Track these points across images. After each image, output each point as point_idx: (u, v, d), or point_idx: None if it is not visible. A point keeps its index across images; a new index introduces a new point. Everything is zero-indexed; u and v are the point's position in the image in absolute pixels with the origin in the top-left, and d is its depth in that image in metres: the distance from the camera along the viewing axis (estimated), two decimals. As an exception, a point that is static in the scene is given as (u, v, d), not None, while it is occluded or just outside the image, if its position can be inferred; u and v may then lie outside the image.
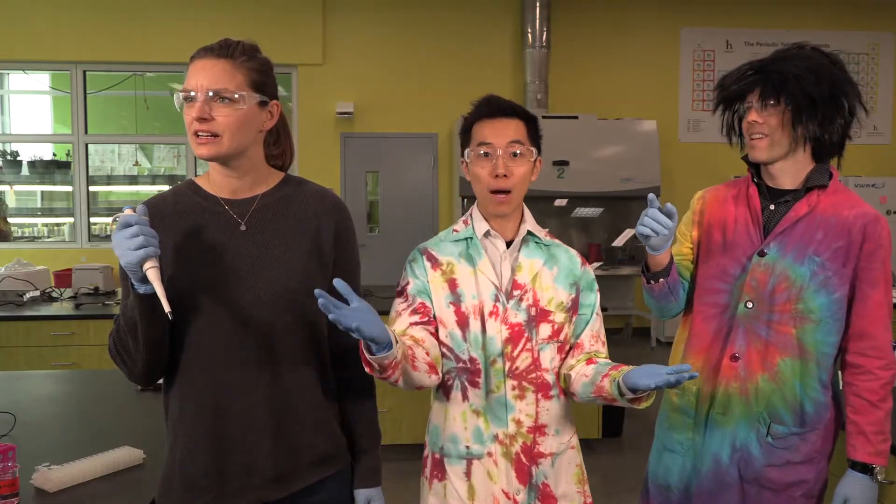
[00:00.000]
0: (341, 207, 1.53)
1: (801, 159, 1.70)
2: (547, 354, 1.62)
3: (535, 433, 1.61)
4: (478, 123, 1.63)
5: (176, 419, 1.44)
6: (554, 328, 1.63)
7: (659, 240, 1.64)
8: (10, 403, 2.23)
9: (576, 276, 1.67)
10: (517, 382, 1.59)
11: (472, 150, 1.62)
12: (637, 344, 7.33)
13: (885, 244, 1.65)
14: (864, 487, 1.63)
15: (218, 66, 1.35)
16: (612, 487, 3.80)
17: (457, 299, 1.61)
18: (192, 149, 1.38)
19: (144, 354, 1.35)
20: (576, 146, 6.98)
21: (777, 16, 7.66)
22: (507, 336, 1.59)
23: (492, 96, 1.65)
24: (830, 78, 1.63)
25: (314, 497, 1.49)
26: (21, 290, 4.30)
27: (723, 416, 1.74)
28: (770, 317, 1.69)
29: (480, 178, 1.61)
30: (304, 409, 1.45)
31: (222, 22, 7.02)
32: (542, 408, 1.61)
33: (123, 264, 1.24)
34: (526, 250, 1.65)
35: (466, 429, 1.61)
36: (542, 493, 1.62)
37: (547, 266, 1.65)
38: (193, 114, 1.33)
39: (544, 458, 1.62)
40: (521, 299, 1.61)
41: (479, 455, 1.60)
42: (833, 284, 1.65)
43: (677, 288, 1.87)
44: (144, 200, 1.45)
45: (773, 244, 1.70)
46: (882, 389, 1.64)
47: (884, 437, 1.64)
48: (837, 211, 1.67)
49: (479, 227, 1.66)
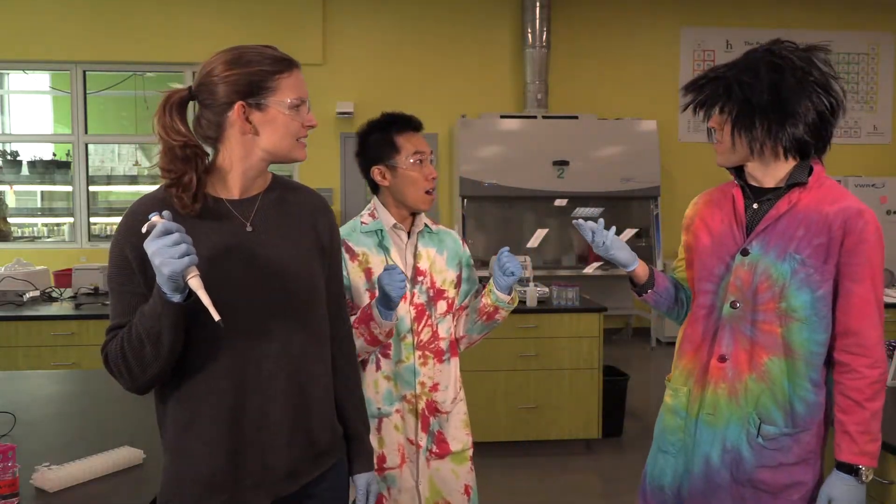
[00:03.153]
0: (326, 203, 1.61)
1: (770, 160, 1.68)
2: (444, 326, 2.02)
3: (433, 391, 2.00)
4: (404, 135, 1.98)
5: (184, 426, 1.39)
6: (448, 303, 2.03)
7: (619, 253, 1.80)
8: (10, 403, 2.23)
9: (459, 256, 2.07)
10: (422, 353, 1.98)
11: (409, 157, 1.96)
12: (637, 344, 7.33)
13: (869, 238, 1.60)
14: (848, 488, 1.60)
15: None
16: (612, 487, 3.80)
17: (372, 286, 1.93)
18: (294, 152, 1.46)
19: (163, 364, 1.32)
20: (576, 146, 6.98)
21: (777, 16, 7.66)
22: (414, 315, 1.96)
23: (407, 114, 2.03)
24: (776, 84, 1.60)
25: (318, 487, 1.51)
26: (21, 290, 4.30)
27: (712, 417, 1.73)
28: (755, 316, 1.68)
29: (417, 181, 1.96)
30: (314, 404, 1.48)
31: (222, 22, 7.03)
32: (437, 370, 2.00)
33: (168, 273, 1.19)
34: (422, 240, 2.02)
35: (378, 392, 1.96)
36: (437, 438, 2.01)
37: (438, 252, 2.03)
38: (312, 120, 1.47)
39: (442, 410, 2.01)
40: (422, 283, 1.98)
41: (387, 414, 1.96)
42: (815, 282, 1.63)
43: (669, 294, 1.89)
44: (144, 199, 1.43)
45: (755, 242, 1.69)
46: (869, 388, 1.60)
47: (870, 437, 1.60)
48: (819, 207, 1.64)
49: (387, 220, 1.99)
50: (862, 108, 7.93)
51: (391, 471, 1.97)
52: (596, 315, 4.13)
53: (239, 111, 1.39)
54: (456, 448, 2.03)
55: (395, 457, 1.97)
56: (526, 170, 6.89)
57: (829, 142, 1.69)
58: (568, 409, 4.13)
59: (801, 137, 1.63)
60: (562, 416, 4.12)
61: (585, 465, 4.10)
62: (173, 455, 1.42)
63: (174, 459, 1.42)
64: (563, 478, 3.92)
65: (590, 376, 4.11)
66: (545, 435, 4.13)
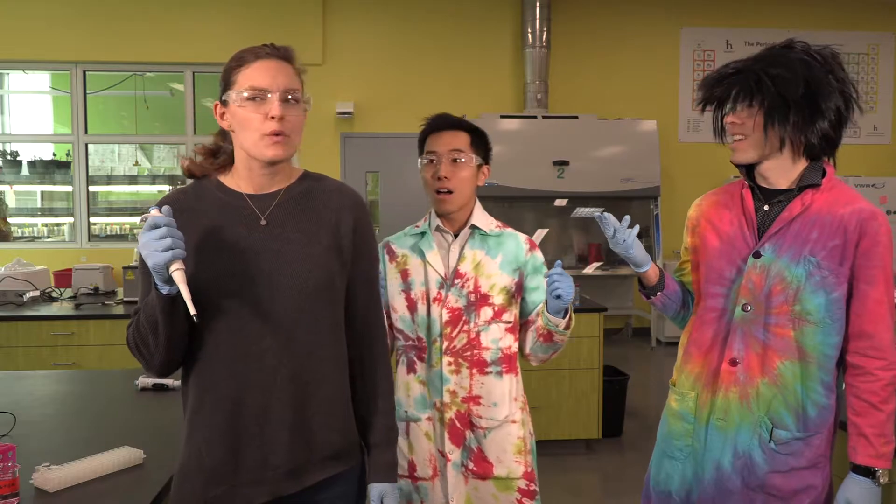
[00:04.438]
0: (359, 202, 1.54)
1: (788, 159, 1.66)
2: (489, 335, 1.88)
3: (469, 403, 1.88)
4: (428, 137, 1.93)
5: (194, 410, 1.44)
6: (495, 310, 1.89)
7: (636, 251, 1.74)
8: (10, 403, 2.23)
9: (519, 263, 1.92)
10: (453, 359, 1.87)
11: (422, 158, 1.92)
12: (637, 344, 7.33)
13: (884, 241, 1.60)
14: (865, 491, 1.59)
15: (287, 68, 1.41)
16: (612, 487, 3.80)
17: (407, 287, 1.91)
18: (258, 149, 1.39)
19: (163, 352, 1.37)
20: (576, 146, 6.98)
21: (777, 16, 7.67)
22: (448, 319, 1.87)
23: (442, 114, 1.95)
24: (808, 79, 1.59)
25: (327, 492, 1.49)
26: (21, 290, 4.30)
27: (723, 422, 1.70)
28: (767, 319, 1.66)
29: (427, 181, 1.91)
30: (320, 404, 1.46)
31: (222, 22, 7.03)
32: (477, 381, 1.88)
33: (151, 265, 1.26)
34: (471, 242, 1.92)
35: (409, 396, 1.91)
36: (476, 456, 1.88)
37: (490, 255, 1.91)
38: (273, 112, 1.35)
39: (479, 426, 1.88)
40: (463, 286, 1.88)
41: (415, 419, 1.90)
42: (830, 284, 1.61)
43: (678, 297, 1.86)
44: (166, 196, 1.48)
45: (767, 245, 1.67)
46: (883, 391, 1.59)
47: (886, 439, 1.59)
48: (833, 209, 1.63)
49: (433, 222, 1.94)
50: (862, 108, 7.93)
51: (424, 482, 1.90)
52: (596, 315, 4.14)
53: (215, 110, 1.44)
54: (500, 473, 1.87)
55: (426, 467, 1.90)
56: (526, 170, 6.89)
57: (840, 142, 1.68)
58: (568, 409, 4.12)
59: (828, 133, 1.63)
60: (562, 416, 4.12)
61: (585, 465, 4.10)
62: (185, 440, 1.46)
63: (185, 445, 1.46)
64: (563, 478, 3.91)
65: (590, 376, 4.11)
66: (545, 435, 4.13)
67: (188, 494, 1.43)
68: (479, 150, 1.92)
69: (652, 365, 6.65)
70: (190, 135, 7.35)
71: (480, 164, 1.93)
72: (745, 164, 1.71)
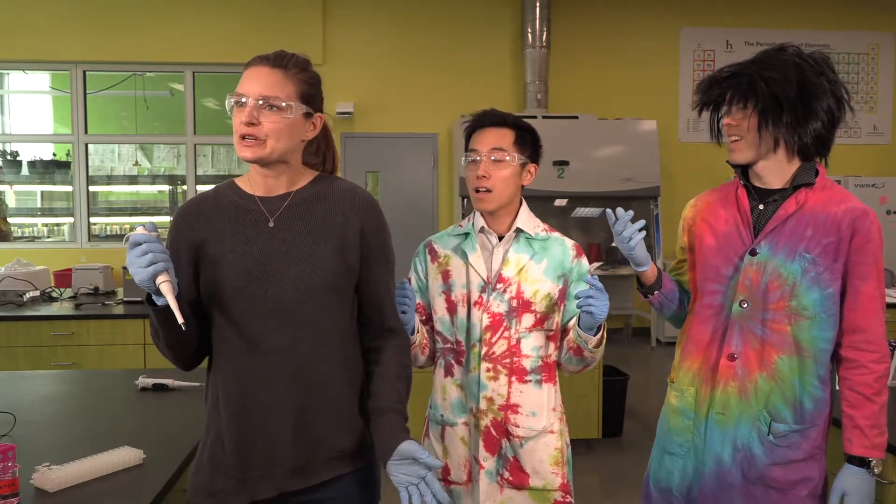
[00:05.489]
0: (369, 204, 1.54)
1: (783, 159, 1.71)
2: (530, 343, 1.82)
3: (506, 411, 1.81)
4: (473, 134, 1.87)
5: (211, 404, 1.51)
6: (537, 317, 1.81)
7: (639, 250, 1.74)
8: (10, 403, 2.23)
9: (565, 269, 1.84)
10: (492, 365, 1.81)
11: (465, 156, 1.86)
12: (637, 344, 7.33)
13: (875, 238, 1.66)
14: (861, 481, 1.64)
15: (272, 75, 1.42)
16: (612, 487, 3.79)
17: (448, 289, 1.86)
18: (238, 151, 1.45)
19: (172, 352, 1.47)
20: (576, 146, 6.98)
21: (777, 16, 7.67)
22: (488, 324, 1.80)
23: (488, 110, 1.90)
24: (801, 81, 1.64)
25: (334, 492, 1.51)
26: (21, 290, 4.30)
27: (723, 417, 1.74)
28: (765, 315, 1.71)
29: (469, 179, 1.84)
30: (326, 404, 1.48)
31: (222, 22, 7.03)
32: (515, 389, 1.81)
33: (137, 281, 1.32)
34: (515, 245, 1.84)
35: (445, 399, 1.86)
36: (512, 466, 1.82)
37: (535, 260, 1.83)
38: (242, 118, 1.41)
39: (515, 435, 1.81)
40: (505, 291, 1.81)
41: (451, 423, 1.85)
42: (825, 280, 1.67)
43: (675, 296, 1.89)
44: (189, 200, 1.55)
45: (763, 243, 1.71)
46: (876, 383, 1.65)
47: (879, 430, 1.65)
48: (826, 207, 1.68)
49: (477, 223, 1.87)
50: (862, 109, 7.92)
51: (457, 486, 1.85)
52: (596, 315, 4.13)
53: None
54: (536, 484, 1.82)
55: (460, 472, 1.85)
56: (526, 170, 6.88)
57: (832, 142, 1.72)
58: (568, 409, 4.08)
59: (821, 133, 1.67)
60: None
61: (585, 465, 4.09)
62: (204, 431, 1.53)
63: (203, 436, 1.53)
64: (563, 478, 3.91)
65: (590, 376, 4.11)
66: (545, 435, 4.13)
67: (199, 485, 1.49)
68: (523, 149, 1.83)
69: (652, 365, 6.65)
70: (190, 135, 7.34)
71: (525, 163, 1.84)
72: (741, 164, 1.76)
